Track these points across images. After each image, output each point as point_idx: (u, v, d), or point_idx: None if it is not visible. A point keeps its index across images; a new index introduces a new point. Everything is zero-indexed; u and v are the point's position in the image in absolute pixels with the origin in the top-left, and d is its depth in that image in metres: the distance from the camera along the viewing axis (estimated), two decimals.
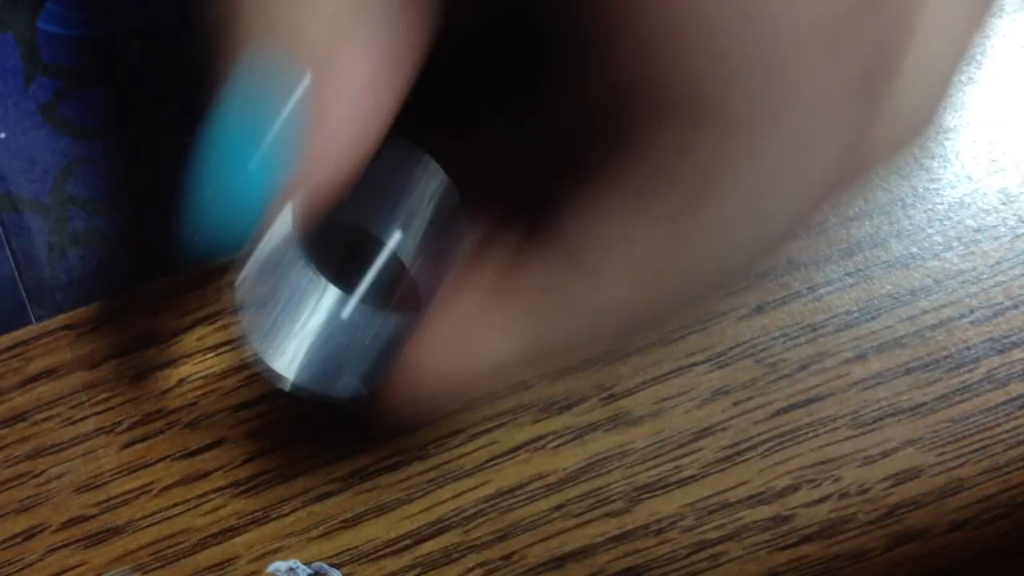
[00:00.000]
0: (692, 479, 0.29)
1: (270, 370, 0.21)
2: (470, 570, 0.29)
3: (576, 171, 0.19)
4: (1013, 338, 0.29)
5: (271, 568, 0.29)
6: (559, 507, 0.29)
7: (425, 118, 0.21)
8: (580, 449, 0.29)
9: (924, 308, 0.29)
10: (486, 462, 0.29)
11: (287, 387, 0.21)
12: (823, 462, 0.29)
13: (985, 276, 0.29)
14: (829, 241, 0.29)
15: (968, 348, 0.29)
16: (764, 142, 0.17)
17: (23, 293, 0.29)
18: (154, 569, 0.29)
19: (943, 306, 0.29)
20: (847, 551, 0.29)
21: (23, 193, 0.28)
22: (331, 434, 0.29)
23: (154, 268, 0.29)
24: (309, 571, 0.29)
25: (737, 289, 0.29)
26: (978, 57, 0.29)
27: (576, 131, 0.19)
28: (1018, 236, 0.29)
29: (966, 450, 0.29)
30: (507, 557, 0.29)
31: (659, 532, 0.29)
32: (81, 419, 0.29)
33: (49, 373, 0.29)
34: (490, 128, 0.22)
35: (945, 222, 0.29)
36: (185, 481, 0.29)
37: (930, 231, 0.29)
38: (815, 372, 0.29)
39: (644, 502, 0.29)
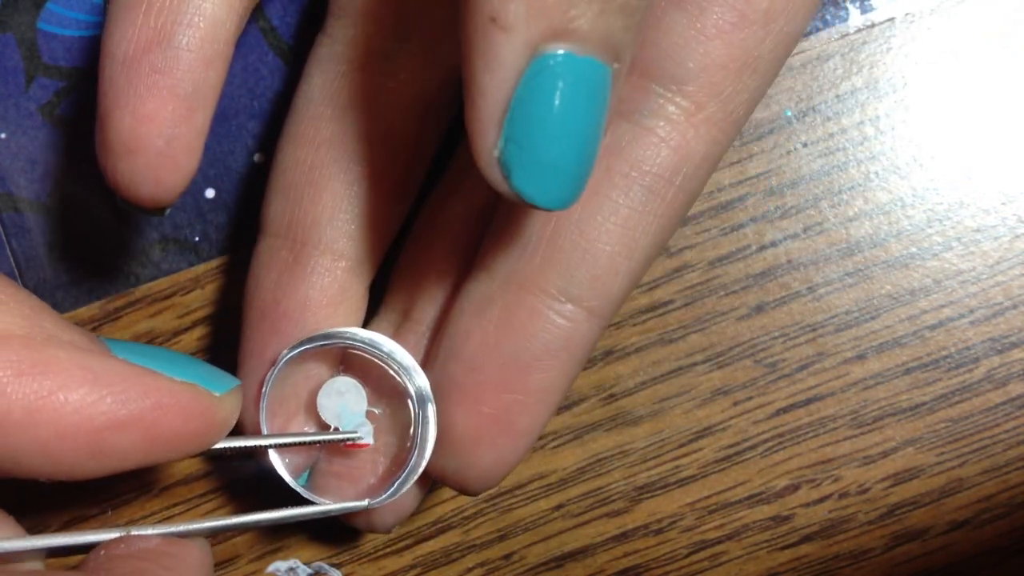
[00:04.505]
0: (692, 479, 0.29)
1: None
2: (470, 570, 0.29)
3: None
4: (1013, 338, 0.29)
5: (271, 568, 0.29)
6: (559, 507, 0.29)
7: None
8: (580, 449, 0.29)
9: (923, 308, 0.29)
10: None
11: None
12: (823, 462, 0.29)
13: (984, 276, 0.29)
14: (829, 241, 0.29)
15: (968, 348, 0.29)
16: None
17: None
18: None
19: (942, 306, 0.29)
20: (847, 551, 0.29)
21: (23, 193, 0.28)
22: None
23: (153, 269, 0.29)
24: (309, 571, 0.29)
25: (737, 289, 0.29)
26: (976, 58, 0.29)
27: None
28: (1017, 236, 0.29)
29: (965, 450, 0.29)
30: (507, 557, 0.29)
31: (659, 532, 0.29)
32: None
33: None
34: None
35: (945, 222, 0.29)
36: (185, 481, 0.29)
37: (930, 231, 0.29)
38: (815, 372, 0.29)
39: (644, 502, 0.29)
